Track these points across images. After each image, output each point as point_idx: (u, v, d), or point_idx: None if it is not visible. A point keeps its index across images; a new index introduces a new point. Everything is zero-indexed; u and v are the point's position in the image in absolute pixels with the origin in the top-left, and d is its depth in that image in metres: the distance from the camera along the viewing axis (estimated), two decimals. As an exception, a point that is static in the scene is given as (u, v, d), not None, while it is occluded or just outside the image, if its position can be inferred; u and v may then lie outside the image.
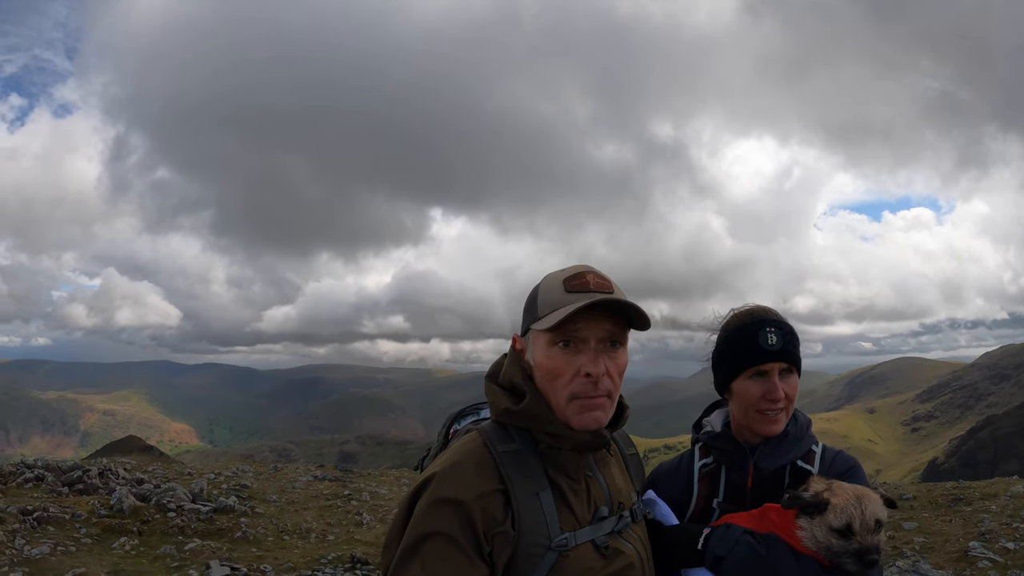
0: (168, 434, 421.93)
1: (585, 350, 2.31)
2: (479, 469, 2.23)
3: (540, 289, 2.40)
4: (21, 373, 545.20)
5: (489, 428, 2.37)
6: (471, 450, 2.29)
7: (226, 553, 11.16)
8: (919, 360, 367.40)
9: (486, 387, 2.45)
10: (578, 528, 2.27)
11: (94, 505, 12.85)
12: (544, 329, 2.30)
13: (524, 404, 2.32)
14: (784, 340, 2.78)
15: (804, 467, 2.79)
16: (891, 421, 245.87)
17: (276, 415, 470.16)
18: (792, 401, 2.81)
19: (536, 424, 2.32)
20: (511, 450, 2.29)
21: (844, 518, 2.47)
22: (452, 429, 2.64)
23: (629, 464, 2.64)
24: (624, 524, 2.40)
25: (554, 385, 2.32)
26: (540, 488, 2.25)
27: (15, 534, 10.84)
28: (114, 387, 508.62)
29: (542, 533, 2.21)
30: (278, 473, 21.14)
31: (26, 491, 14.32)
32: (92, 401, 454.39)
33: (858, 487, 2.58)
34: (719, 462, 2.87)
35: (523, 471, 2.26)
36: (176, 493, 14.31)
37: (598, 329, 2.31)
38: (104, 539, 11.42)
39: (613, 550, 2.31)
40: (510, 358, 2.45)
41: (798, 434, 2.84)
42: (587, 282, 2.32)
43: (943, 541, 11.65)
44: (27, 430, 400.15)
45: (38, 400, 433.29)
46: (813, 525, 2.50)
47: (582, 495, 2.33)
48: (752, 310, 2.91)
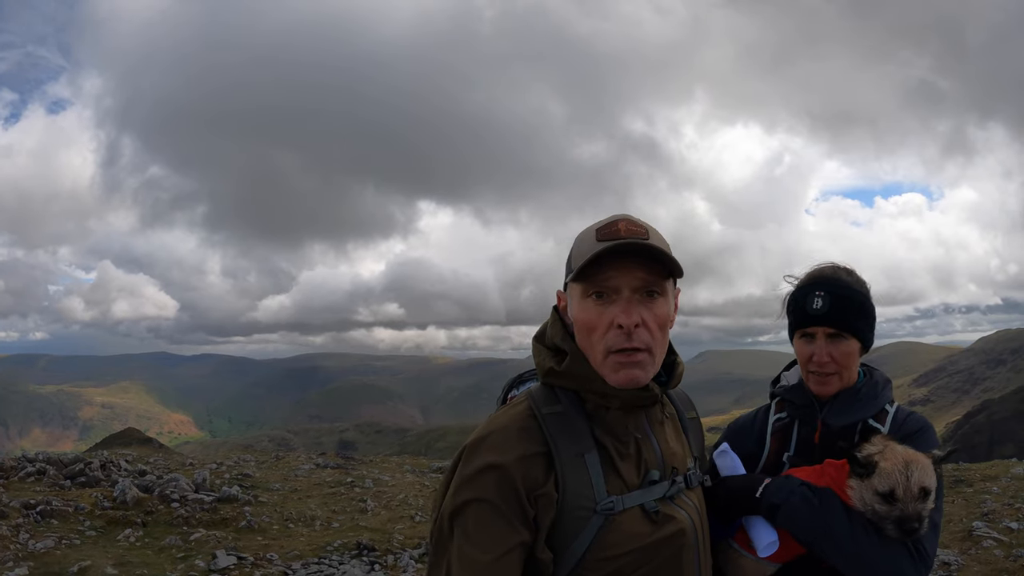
0: (167, 425, 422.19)
1: (618, 300, 2.16)
2: (521, 432, 2.13)
3: (575, 242, 2.27)
4: (19, 367, 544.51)
5: (536, 391, 2.27)
6: (516, 414, 2.19)
7: (232, 542, 11.17)
8: (915, 344, 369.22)
9: (533, 348, 2.34)
10: (626, 492, 2.15)
11: (97, 498, 12.83)
12: (573, 280, 2.18)
13: (566, 364, 2.21)
14: (831, 305, 2.74)
15: (874, 426, 2.76)
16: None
17: (274, 404, 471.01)
18: (844, 366, 2.77)
19: (580, 383, 2.20)
20: (556, 412, 2.18)
21: (888, 483, 2.42)
22: (510, 395, 2.50)
23: (688, 428, 2.47)
24: (677, 489, 2.26)
25: (590, 339, 2.19)
26: (585, 450, 2.14)
27: (19, 528, 10.82)
28: (112, 379, 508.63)
29: (587, 496, 2.10)
30: (280, 462, 21.15)
31: (28, 485, 14.29)
32: (91, 394, 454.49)
33: (911, 452, 2.49)
34: (792, 416, 2.87)
35: (567, 433, 2.14)
36: (179, 484, 14.31)
37: (631, 277, 2.15)
38: (108, 531, 11.42)
39: (664, 515, 2.17)
40: (553, 317, 2.34)
41: (871, 392, 2.82)
42: (619, 229, 2.17)
43: (947, 521, 11.66)
44: (26, 424, 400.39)
45: (37, 394, 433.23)
46: (862, 486, 2.46)
47: (631, 458, 2.20)
48: (812, 273, 2.89)
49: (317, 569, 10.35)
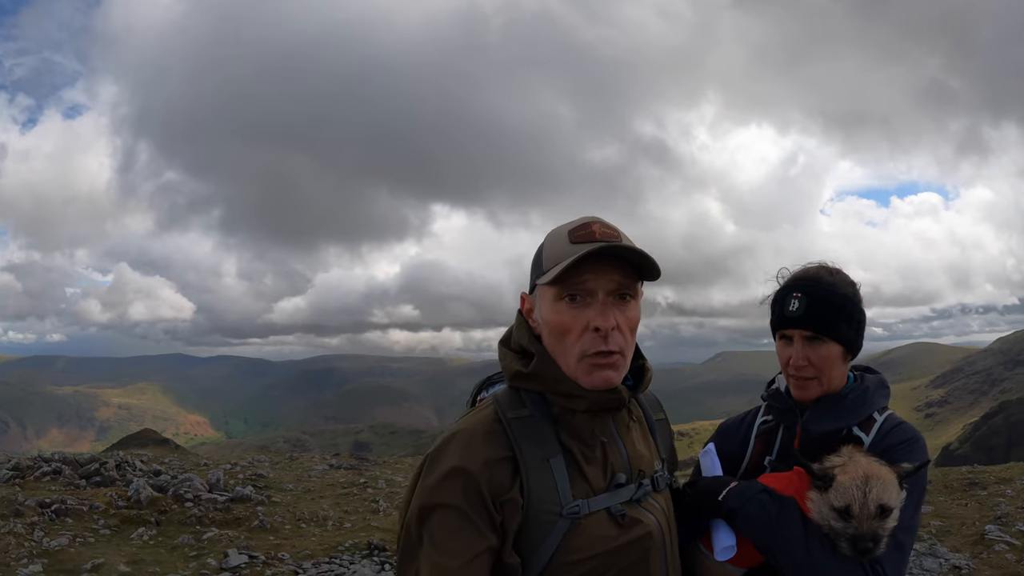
0: (184, 426, 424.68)
1: (593, 303, 2.15)
2: (486, 437, 2.12)
3: (545, 243, 2.24)
4: (37, 369, 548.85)
5: (502, 394, 2.25)
6: (481, 418, 2.19)
7: (244, 541, 11.21)
8: (932, 345, 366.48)
9: (499, 352, 2.33)
10: (592, 496, 2.14)
11: (112, 497, 12.91)
12: (548, 283, 2.15)
13: (533, 365, 2.19)
14: (808, 306, 2.65)
15: (858, 434, 2.62)
16: (904, 407, 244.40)
17: (290, 406, 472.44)
18: (823, 370, 2.66)
19: (547, 386, 2.19)
20: (521, 416, 2.17)
21: (844, 499, 2.32)
22: (479, 397, 2.49)
23: (655, 430, 2.46)
24: (644, 492, 2.25)
25: (563, 343, 2.17)
26: (551, 454, 2.13)
27: (34, 526, 10.90)
28: (129, 381, 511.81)
29: (553, 500, 2.09)
30: (294, 462, 21.24)
31: (44, 484, 14.40)
32: (108, 395, 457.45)
33: (874, 466, 2.37)
34: (777, 421, 2.79)
35: (533, 437, 2.14)
36: (193, 483, 14.38)
37: (606, 280, 2.14)
38: (122, 530, 11.48)
39: (630, 519, 2.17)
40: (518, 320, 2.32)
41: (859, 399, 2.68)
42: (593, 232, 2.16)
43: (959, 525, 11.62)
44: (44, 425, 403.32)
45: (54, 395, 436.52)
46: (820, 500, 2.37)
47: (597, 462, 2.19)
48: (796, 273, 2.81)
49: (328, 568, 10.39)
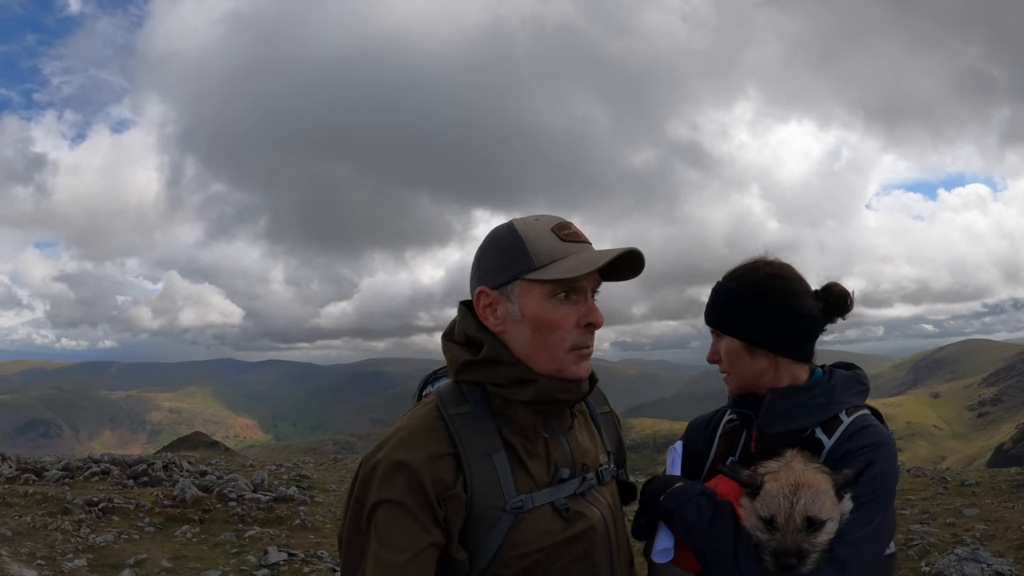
0: (233, 429, 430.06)
1: (581, 301, 2.20)
2: (429, 433, 2.13)
3: (525, 238, 2.19)
4: (90, 375, 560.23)
5: (444, 391, 2.26)
6: (423, 414, 2.20)
7: (284, 540, 11.39)
8: (984, 342, 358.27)
9: (443, 346, 2.32)
10: (536, 490, 2.15)
11: (158, 496, 13.21)
12: (551, 279, 2.15)
13: (485, 351, 2.19)
14: (710, 300, 2.64)
15: (819, 437, 2.42)
16: (956, 406, 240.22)
17: (338, 409, 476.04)
18: (729, 364, 2.59)
19: (497, 372, 2.19)
20: (463, 412, 2.18)
21: (769, 509, 2.17)
22: (424, 392, 2.50)
23: (600, 424, 2.47)
24: (588, 486, 2.27)
25: (551, 337, 2.18)
26: (493, 449, 2.14)
27: (81, 523, 11.22)
28: (180, 385, 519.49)
29: (496, 495, 2.10)
30: (338, 464, 21.46)
31: (92, 484, 14.78)
32: (159, 399, 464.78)
33: (809, 474, 2.20)
34: (741, 421, 2.67)
35: (475, 433, 2.15)
36: (237, 484, 14.64)
37: (593, 280, 2.21)
38: (166, 527, 11.75)
39: (574, 512, 2.19)
40: (462, 312, 2.31)
41: (822, 398, 2.47)
42: (577, 232, 2.21)
43: (1005, 528, 11.34)
44: (97, 428, 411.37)
45: (107, 400, 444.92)
46: (750, 507, 2.23)
47: (539, 457, 2.20)
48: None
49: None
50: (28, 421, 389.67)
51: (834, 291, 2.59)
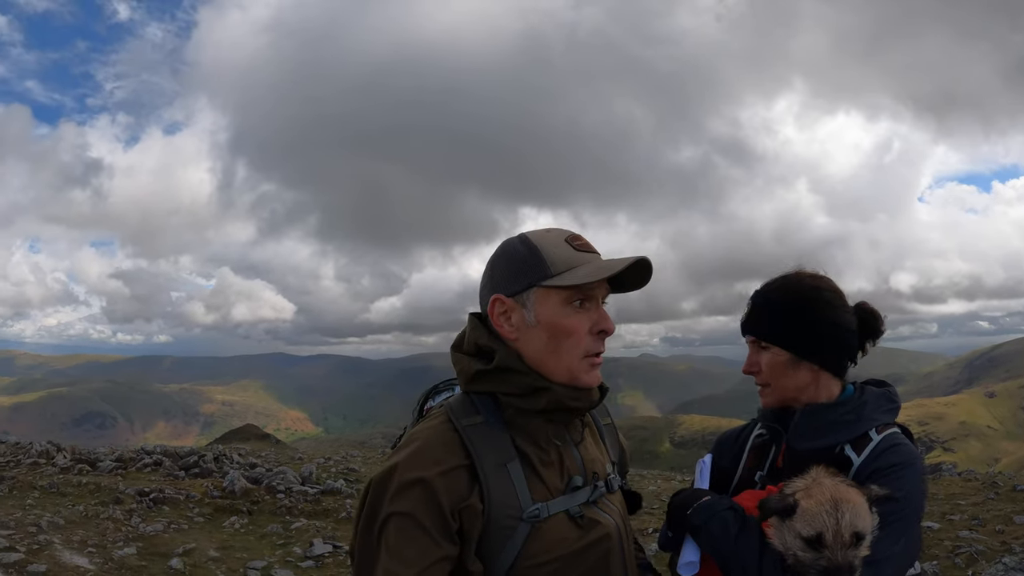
0: (284, 422, 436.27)
1: (594, 308, 2.24)
2: (442, 446, 2.13)
3: (540, 247, 2.23)
4: (145, 368, 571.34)
5: (455, 403, 2.27)
6: (435, 427, 2.19)
7: (330, 532, 11.48)
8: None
9: (452, 357, 2.34)
10: (550, 498, 2.16)
11: (207, 487, 13.41)
12: (568, 285, 2.18)
13: (498, 358, 2.20)
14: (752, 311, 2.59)
15: (848, 454, 2.39)
16: (1012, 406, 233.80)
17: (388, 403, 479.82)
18: (771, 377, 2.55)
19: (510, 380, 2.20)
20: (475, 423, 2.18)
21: (815, 527, 2.10)
22: (426, 407, 2.53)
23: (604, 434, 2.50)
24: (599, 494, 2.28)
25: (565, 343, 2.21)
26: (508, 459, 2.14)
27: (132, 513, 11.43)
28: (232, 379, 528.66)
29: (513, 505, 2.10)
30: (386, 458, 21.54)
31: (144, 475, 15.06)
32: (212, 392, 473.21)
33: (842, 489, 2.15)
34: (770, 435, 2.63)
35: (489, 443, 2.15)
36: (286, 476, 14.81)
37: (603, 289, 2.26)
38: (215, 518, 11.92)
39: (589, 520, 2.20)
40: (472, 322, 2.33)
41: (852, 415, 2.45)
42: (588, 243, 2.28)
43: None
44: (151, 420, 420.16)
45: (161, 392, 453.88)
46: (783, 528, 2.17)
47: (553, 465, 2.21)
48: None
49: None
50: (85, 413, 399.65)
51: (865, 309, 2.57)
